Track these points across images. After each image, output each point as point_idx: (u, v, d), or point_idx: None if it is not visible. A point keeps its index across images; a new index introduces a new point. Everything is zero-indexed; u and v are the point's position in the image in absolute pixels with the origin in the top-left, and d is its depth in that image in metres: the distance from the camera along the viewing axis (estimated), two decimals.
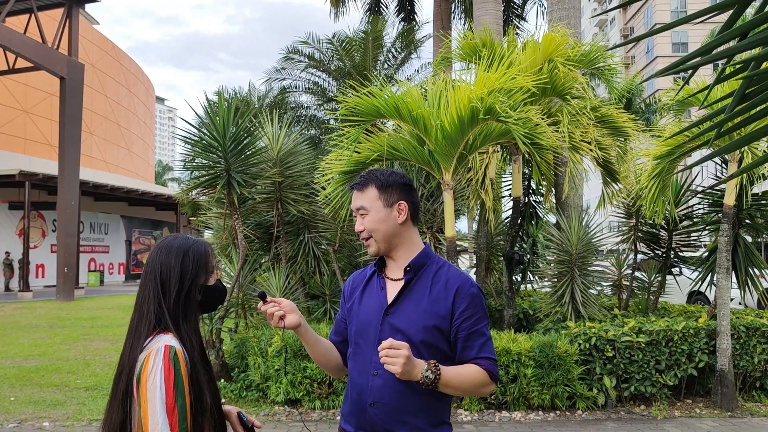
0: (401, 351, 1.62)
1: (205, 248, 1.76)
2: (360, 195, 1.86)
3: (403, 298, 1.81)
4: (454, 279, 1.82)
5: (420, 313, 1.78)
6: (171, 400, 1.54)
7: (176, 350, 1.58)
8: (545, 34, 6.18)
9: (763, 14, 1.00)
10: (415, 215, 1.90)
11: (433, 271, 1.84)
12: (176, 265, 1.68)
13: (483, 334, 1.79)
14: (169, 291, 1.66)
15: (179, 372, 1.56)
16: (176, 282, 1.67)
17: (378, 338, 1.79)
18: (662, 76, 1.13)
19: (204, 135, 6.09)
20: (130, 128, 33.63)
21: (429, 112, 5.20)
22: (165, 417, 1.52)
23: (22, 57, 17.17)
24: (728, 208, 5.75)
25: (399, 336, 1.75)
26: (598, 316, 6.03)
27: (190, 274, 1.69)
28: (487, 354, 1.78)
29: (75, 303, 16.72)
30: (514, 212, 6.44)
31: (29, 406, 5.81)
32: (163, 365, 1.55)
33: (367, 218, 1.84)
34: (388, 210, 1.84)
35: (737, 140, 1.10)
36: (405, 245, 1.86)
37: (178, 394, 1.55)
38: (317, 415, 5.43)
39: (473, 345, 1.78)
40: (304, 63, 16.91)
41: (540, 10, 17.30)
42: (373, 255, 1.87)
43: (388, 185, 1.85)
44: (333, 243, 6.69)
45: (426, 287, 1.81)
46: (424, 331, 1.76)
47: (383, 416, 1.75)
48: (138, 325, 1.65)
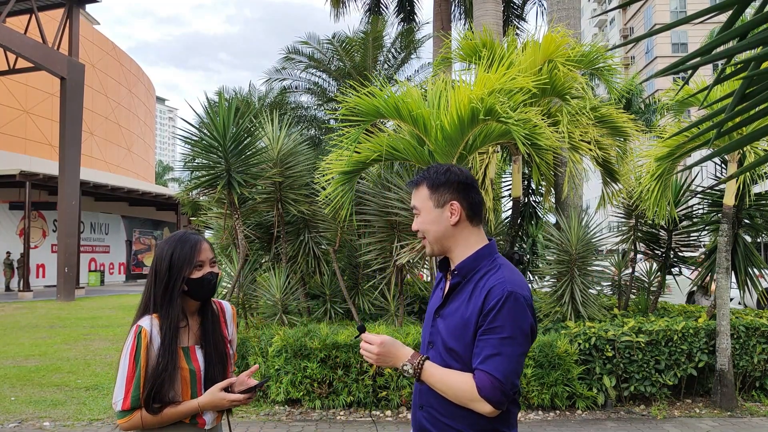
0: (371, 347, 1.74)
1: (193, 244, 1.98)
2: (414, 194, 1.81)
3: (449, 303, 1.76)
4: (494, 280, 1.67)
5: (457, 319, 1.70)
6: (131, 371, 1.86)
7: (143, 329, 1.89)
8: (545, 35, 6.19)
9: (763, 14, 1.01)
10: (474, 215, 1.78)
11: (480, 275, 1.71)
12: (167, 258, 1.95)
13: (495, 346, 1.60)
14: (159, 279, 1.95)
15: (139, 348, 1.87)
16: (165, 272, 1.95)
17: (429, 340, 1.79)
18: (662, 76, 1.13)
19: (204, 135, 6.10)
20: (131, 128, 33.63)
21: (429, 113, 5.20)
22: (123, 384, 1.86)
23: (22, 57, 17.17)
24: (728, 208, 5.75)
25: (439, 338, 1.74)
26: (598, 316, 6.04)
27: (177, 267, 1.94)
28: (487, 368, 1.59)
29: (75, 303, 16.72)
30: (513, 212, 6.45)
31: (30, 405, 5.81)
32: (131, 342, 1.89)
33: (419, 219, 1.79)
34: (440, 210, 1.75)
35: (737, 140, 1.10)
36: (460, 246, 1.77)
37: (136, 366, 1.86)
38: (317, 414, 5.44)
39: (479, 353, 1.62)
40: (304, 63, 16.91)
41: (540, 10, 17.29)
42: (428, 255, 1.87)
43: (440, 184, 1.76)
44: (333, 243, 6.69)
45: (468, 293, 1.71)
46: (453, 339, 1.69)
47: (429, 419, 1.75)
48: (138, 307, 2.00)
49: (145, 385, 1.85)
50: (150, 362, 1.87)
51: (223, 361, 2.04)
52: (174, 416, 1.90)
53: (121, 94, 32.07)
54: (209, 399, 1.92)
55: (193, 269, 1.96)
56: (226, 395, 1.93)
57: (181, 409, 1.90)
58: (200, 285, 1.97)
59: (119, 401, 1.85)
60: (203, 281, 1.97)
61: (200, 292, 1.99)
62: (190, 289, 1.97)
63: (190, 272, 1.95)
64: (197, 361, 1.98)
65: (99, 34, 29.69)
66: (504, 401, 1.60)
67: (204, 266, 1.98)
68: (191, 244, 1.98)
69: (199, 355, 1.99)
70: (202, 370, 1.98)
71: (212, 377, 1.98)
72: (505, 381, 1.59)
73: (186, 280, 1.95)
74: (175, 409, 1.89)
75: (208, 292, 2.00)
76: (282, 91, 17.64)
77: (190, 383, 1.94)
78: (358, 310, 6.55)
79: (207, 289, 1.99)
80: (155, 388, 1.84)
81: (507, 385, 1.59)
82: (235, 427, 5.14)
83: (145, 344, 1.87)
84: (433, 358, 1.75)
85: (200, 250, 1.98)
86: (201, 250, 1.98)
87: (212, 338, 2.03)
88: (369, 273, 6.59)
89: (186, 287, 1.96)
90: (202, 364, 1.98)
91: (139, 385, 1.85)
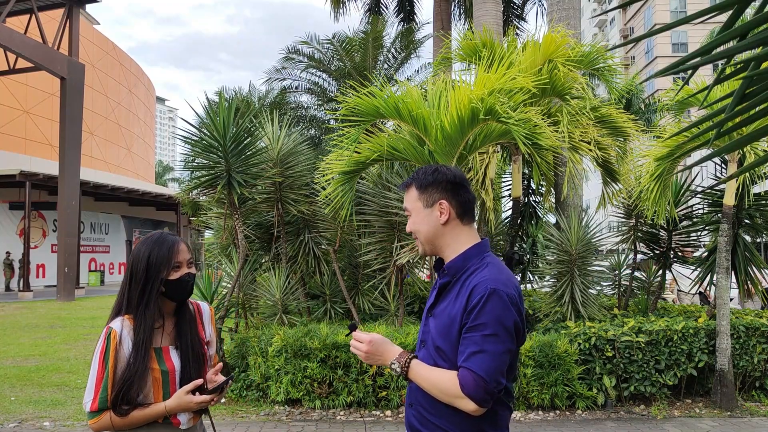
0: (361, 345, 1.78)
1: (171, 245, 1.99)
2: (406, 196, 1.84)
3: (440, 302, 1.78)
4: (479, 278, 1.67)
5: (444, 318, 1.71)
6: (100, 372, 1.88)
7: (113, 331, 1.91)
8: (545, 35, 6.19)
9: (763, 14, 1.01)
10: (465, 213, 1.78)
11: (468, 274, 1.71)
12: (144, 259, 1.96)
13: (477, 343, 1.60)
14: (136, 281, 1.96)
15: (108, 350, 1.89)
16: (143, 273, 1.95)
17: (421, 339, 1.82)
18: (662, 76, 1.13)
19: (204, 135, 6.10)
20: (131, 128, 33.62)
21: (429, 113, 5.20)
22: (93, 385, 1.88)
23: (22, 57, 17.17)
24: (728, 208, 5.76)
25: (429, 337, 1.77)
26: (598, 316, 6.04)
27: (154, 268, 1.95)
28: (470, 366, 1.59)
29: (75, 303, 16.72)
30: (513, 212, 6.45)
31: (30, 405, 5.81)
32: (101, 344, 1.91)
33: (411, 220, 1.82)
34: (429, 210, 1.77)
35: (737, 140, 1.11)
36: (451, 246, 1.77)
37: (105, 367, 1.88)
38: (317, 415, 5.44)
39: (463, 351, 1.62)
40: (304, 63, 16.92)
41: (540, 10, 17.30)
42: (421, 255, 1.88)
43: (428, 185, 1.78)
44: (333, 243, 6.69)
45: (456, 292, 1.71)
46: (441, 338, 1.71)
47: (417, 417, 1.77)
48: (112, 308, 2.02)
49: (113, 386, 1.87)
50: (119, 363, 1.89)
51: (199, 361, 2.04)
52: (142, 418, 1.90)
53: (121, 94, 32.06)
54: (176, 402, 1.92)
55: (170, 270, 1.97)
56: (193, 398, 1.93)
57: (149, 412, 1.91)
58: (178, 286, 1.99)
59: (88, 402, 1.88)
60: (181, 282, 1.99)
61: (177, 293, 2.00)
62: (168, 290, 1.98)
63: (167, 273, 1.96)
64: (171, 361, 1.98)
65: (99, 34, 29.69)
66: (488, 399, 1.59)
67: (182, 267, 2.00)
68: (168, 245, 1.99)
69: (173, 355, 2.00)
70: (177, 370, 1.98)
71: (188, 378, 1.98)
72: (489, 378, 1.58)
73: (163, 281, 1.96)
74: (143, 411, 1.90)
75: (185, 293, 2.02)
76: (282, 91, 17.65)
77: (162, 384, 1.94)
78: (358, 310, 6.55)
79: (184, 289, 2.01)
80: (123, 390, 1.86)
81: (491, 383, 1.58)
82: (235, 427, 5.14)
83: (114, 345, 1.90)
84: (423, 357, 1.76)
85: (178, 251, 1.99)
86: (179, 252, 2.00)
87: (188, 339, 2.03)
88: (369, 273, 6.59)
89: (163, 288, 1.97)
90: (177, 365, 1.98)
91: (107, 386, 1.87)
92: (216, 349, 2.19)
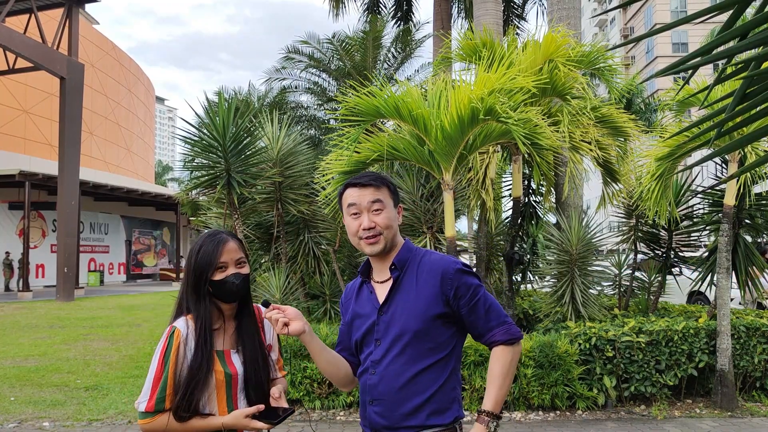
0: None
1: (216, 244, 1.91)
2: (376, 191, 1.89)
3: (394, 295, 1.87)
4: (437, 264, 1.87)
5: (411, 305, 1.83)
6: (159, 372, 1.82)
7: (176, 330, 1.86)
8: (545, 35, 6.18)
9: (763, 14, 1.00)
10: None
11: (416, 263, 1.90)
12: (193, 257, 1.92)
13: (483, 302, 1.85)
14: (188, 279, 1.93)
15: (170, 348, 1.83)
16: (192, 272, 1.91)
17: (375, 338, 1.87)
18: (662, 76, 1.13)
19: (204, 135, 6.09)
20: (130, 128, 33.63)
21: (429, 112, 5.19)
22: (150, 385, 1.82)
23: (22, 57, 17.16)
24: (728, 208, 5.75)
25: (395, 330, 1.83)
26: (598, 316, 6.03)
27: (200, 267, 1.90)
28: (495, 321, 1.85)
29: (75, 303, 16.72)
30: (514, 212, 6.44)
31: (29, 406, 5.81)
32: (163, 342, 1.85)
33: (384, 214, 1.88)
34: (395, 210, 1.94)
35: (737, 140, 1.10)
36: (397, 245, 1.94)
37: (165, 367, 1.82)
38: (317, 415, 5.44)
39: (478, 316, 1.85)
40: (304, 63, 16.91)
41: (540, 10, 17.28)
42: (377, 252, 1.88)
43: (393, 190, 1.95)
44: (333, 243, 6.69)
45: (413, 280, 1.87)
46: (416, 321, 1.81)
47: (381, 412, 1.82)
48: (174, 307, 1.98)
49: (175, 388, 1.80)
50: (181, 364, 1.82)
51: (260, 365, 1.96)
52: (198, 428, 1.84)
53: (121, 94, 32.07)
54: (233, 422, 1.86)
55: (215, 271, 1.89)
56: (251, 421, 1.85)
57: (206, 423, 1.85)
58: (222, 287, 1.89)
59: (143, 402, 1.81)
60: (225, 283, 1.89)
61: (223, 294, 1.91)
62: (215, 291, 1.90)
63: (212, 274, 1.88)
64: (233, 365, 1.92)
65: (99, 34, 29.69)
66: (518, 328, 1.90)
67: (227, 267, 1.90)
68: (215, 244, 1.90)
69: (235, 359, 1.93)
70: (240, 374, 1.92)
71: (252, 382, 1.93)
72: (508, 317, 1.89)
73: (209, 281, 1.89)
74: (202, 421, 1.84)
75: (231, 295, 1.92)
76: (282, 91, 17.64)
77: (225, 387, 1.89)
78: None
79: (230, 291, 1.90)
80: (188, 393, 1.79)
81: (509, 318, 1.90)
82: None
83: (176, 345, 1.83)
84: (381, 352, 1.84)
85: (223, 251, 1.90)
86: (224, 251, 1.90)
87: (250, 342, 1.96)
88: None
89: (210, 288, 1.90)
90: (240, 369, 1.92)
91: (166, 387, 1.80)
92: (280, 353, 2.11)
